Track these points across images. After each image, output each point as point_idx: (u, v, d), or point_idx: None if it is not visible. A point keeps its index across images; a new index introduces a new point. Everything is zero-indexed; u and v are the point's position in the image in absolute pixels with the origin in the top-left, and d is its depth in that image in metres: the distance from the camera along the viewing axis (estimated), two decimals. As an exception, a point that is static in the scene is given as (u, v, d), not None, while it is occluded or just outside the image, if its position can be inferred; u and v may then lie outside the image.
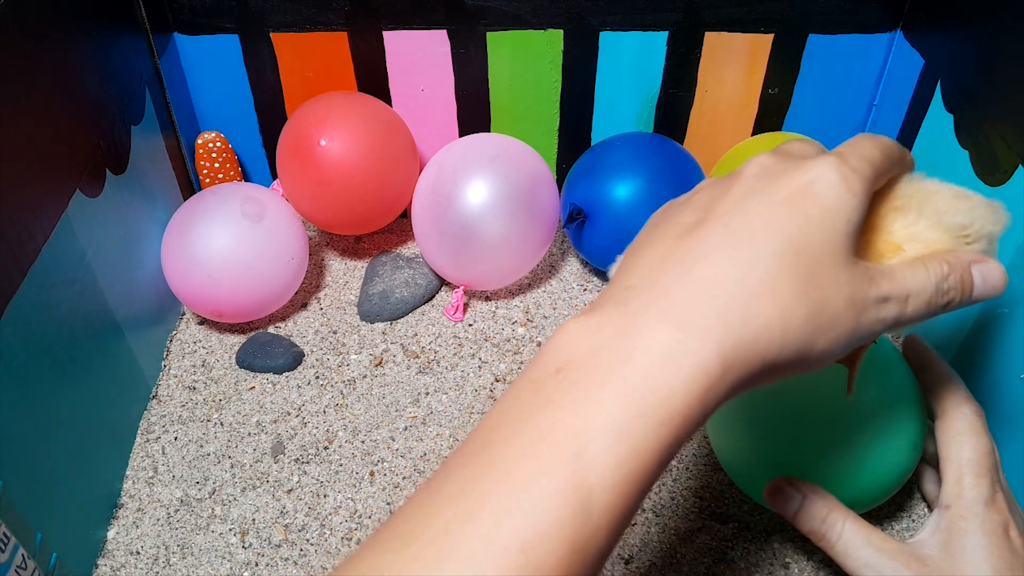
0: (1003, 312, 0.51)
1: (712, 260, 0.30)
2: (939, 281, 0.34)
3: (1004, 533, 0.40)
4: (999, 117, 0.53)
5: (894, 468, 0.46)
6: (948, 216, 0.37)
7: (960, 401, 0.45)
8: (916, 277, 0.34)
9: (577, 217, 0.66)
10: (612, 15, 0.68)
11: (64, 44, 0.53)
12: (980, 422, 0.44)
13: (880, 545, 0.41)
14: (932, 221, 0.36)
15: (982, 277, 0.36)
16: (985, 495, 0.41)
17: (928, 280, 0.34)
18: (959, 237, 0.37)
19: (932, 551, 0.40)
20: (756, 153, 0.76)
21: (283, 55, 0.71)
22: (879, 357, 0.47)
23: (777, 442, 0.46)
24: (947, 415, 0.45)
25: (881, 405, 0.45)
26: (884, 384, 0.46)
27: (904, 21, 0.67)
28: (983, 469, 0.42)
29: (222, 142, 0.73)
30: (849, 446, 0.45)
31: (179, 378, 0.63)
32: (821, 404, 0.45)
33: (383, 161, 0.66)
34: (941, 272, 0.35)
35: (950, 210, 0.37)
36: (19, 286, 0.44)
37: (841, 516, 0.42)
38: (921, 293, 0.34)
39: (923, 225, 0.36)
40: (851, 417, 0.45)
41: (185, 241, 0.62)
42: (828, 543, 0.42)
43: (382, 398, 0.61)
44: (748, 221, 0.31)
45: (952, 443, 0.43)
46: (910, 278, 0.34)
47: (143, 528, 0.53)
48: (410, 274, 0.70)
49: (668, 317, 0.28)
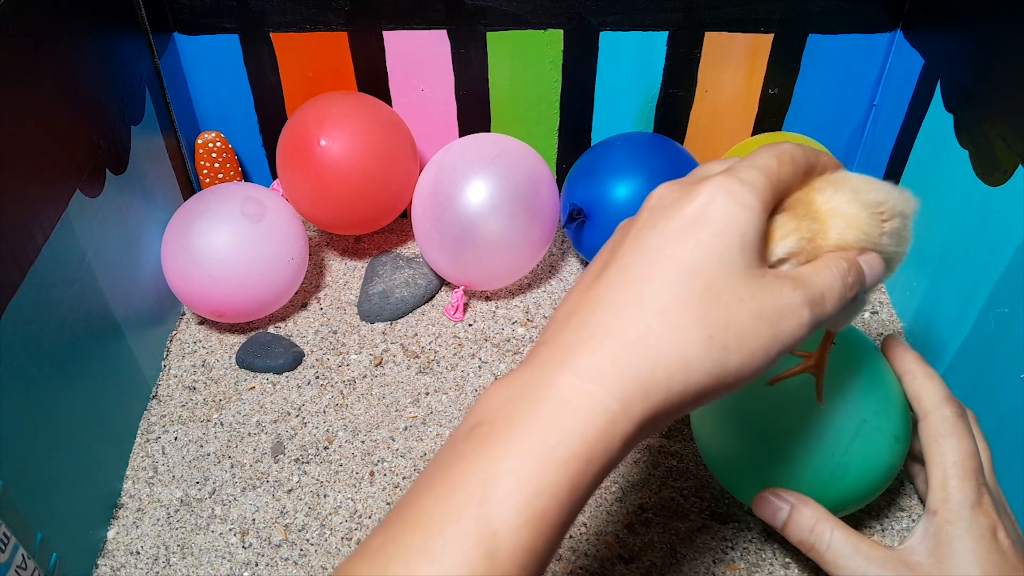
0: (1003, 312, 0.51)
1: (608, 304, 0.31)
2: (843, 276, 0.35)
3: (992, 536, 0.40)
4: (999, 117, 0.53)
5: (877, 465, 0.45)
6: (863, 194, 0.38)
7: (940, 402, 0.44)
8: (824, 277, 0.35)
9: (577, 217, 0.66)
10: (612, 15, 0.68)
11: (64, 44, 0.53)
12: (963, 423, 0.43)
13: (869, 553, 0.41)
14: (848, 197, 0.38)
15: (868, 267, 0.38)
16: (971, 498, 0.41)
17: (835, 277, 0.35)
18: (875, 213, 0.38)
19: (921, 557, 0.40)
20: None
21: (283, 55, 0.71)
22: (849, 356, 0.46)
23: (759, 450, 0.46)
24: (928, 418, 0.44)
25: (855, 403, 0.45)
26: (857, 382, 0.46)
27: (904, 21, 0.67)
28: (968, 472, 0.41)
29: (222, 142, 0.73)
30: (829, 448, 0.44)
31: (179, 378, 0.63)
32: (797, 409, 0.45)
33: (383, 161, 0.66)
34: (842, 268, 0.35)
35: (864, 188, 0.38)
36: (19, 286, 0.44)
37: (829, 525, 0.42)
38: (832, 290, 0.35)
39: (841, 200, 0.37)
40: (828, 419, 0.45)
41: (185, 241, 0.62)
42: (818, 553, 0.42)
43: (382, 398, 0.61)
44: (643, 258, 0.32)
45: (935, 446, 0.43)
46: (819, 279, 0.35)
47: (143, 528, 0.53)
48: (410, 274, 0.70)
49: (567, 366, 0.30)
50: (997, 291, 0.52)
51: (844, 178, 0.39)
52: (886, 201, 0.39)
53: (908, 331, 0.65)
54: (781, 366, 0.45)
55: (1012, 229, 0.51)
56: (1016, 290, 0.50)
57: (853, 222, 0.38)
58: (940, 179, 0.60)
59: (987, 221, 0.54)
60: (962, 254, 0.57)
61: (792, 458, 0.43)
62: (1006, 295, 0.51)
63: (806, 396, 0.45)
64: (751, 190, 0.33)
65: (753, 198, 0.33)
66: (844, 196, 0.38)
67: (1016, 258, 0.50)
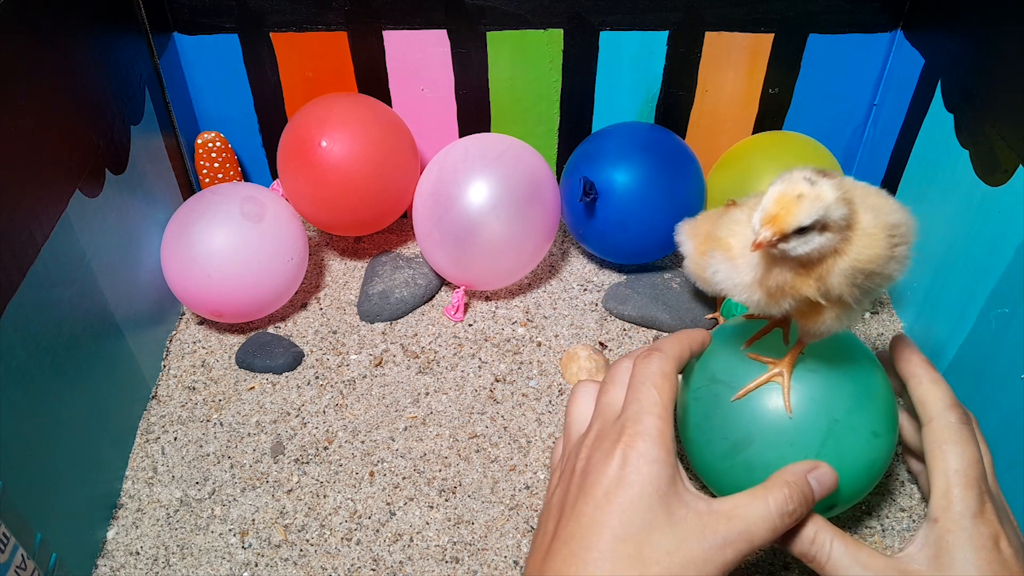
0: (1003, 312, 0.51)
1: None
2: (781, 508, 0.39)
3: (994, 546, 0.39)
4: (999, 117, 0.53)
5: (856, 462, 0.45)
6: (884, 214, 0.38)
7: (945, 408, 0.44)
8: (756, 511, 0.38)
9: (591, 192, 0.65)
10: (612, 15, 0.68)
11: (64, 44, 0.53)
12: (967, 429, 0.43)
13: (868, 562, 0.40)
14: (872, 215, 0.38)
15: (818, 483, 0.41)
16: (973, 507, 0.40)
17: (768, 512, 0.38)
18: (890, 236, 0.38)
19: (921, 566, 0.40)
20: (756, 152, 0.75)
21: (283, 55, 0.71)
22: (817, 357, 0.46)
23: (736, 462, 0.46)
24: (932, 423, 0.43)
25: (824, 404, 0.45)
26: (825, 382, 0.45)
27: (904, 21, 0.67)
28: (971, 480, 0.41)
29: (222, 142, 0.73)
30: (801, 451, 0.44)
31: (179, 378, 0.63)
32: (766, 417, 0.45)
33: (384, 163, 0.66)
34: (782, 497, 0.39)
35: (885, 208, 0.38)
36: (19, 286, 0.44)
37: (829, 535, 0.41)
38: (761, 524, 0.38)
39: (868, 218, 0.37)
40: (796, 423, 0.44)
41: (185, 241, 0.62)
42: (818, 564, 0.41)
43: (382, 398, 0.61)
44: (580, 527, 0.37)
45: (938, 453, 0.42)
46: (749, 512, 0.38)
47: (143, 528, 0.53)
48: (410, 274, 0.70)
49: None
50: (997, 291, 0.52)
51: (863, 192, 0.39)
52: (901, 224, 0.38)
53: (908, 331, 0.65)
54: (750, 374, 0.46)
55: (1012, 229, 0.51)
56: (1016, 290, 0.50)
57: (872, 243, 0.37)
58: (940, 179, 0.60)
59: (987, 221, 0.54)
60: (962, 254, 0.57)
61: (767, 466, 0.43)
62: (1006, 295, 0.51)
63: (775, 403, 0.45)
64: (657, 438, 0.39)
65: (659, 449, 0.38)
66: (870, 213, 0.37)
67: (1016, 258, 0.50)
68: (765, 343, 0.47)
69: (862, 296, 0.39)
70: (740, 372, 0.46)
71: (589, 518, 0.38)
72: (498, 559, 0.50)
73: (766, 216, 0.37)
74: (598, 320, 0.68)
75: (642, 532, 0.37)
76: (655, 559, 0.36)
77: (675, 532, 0.37)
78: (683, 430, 0.50)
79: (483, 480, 0.55)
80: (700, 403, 0.48)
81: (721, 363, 0.48)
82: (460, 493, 0.54)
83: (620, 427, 0.40)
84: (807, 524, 0.42)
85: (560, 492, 0.41)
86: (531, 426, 0.59)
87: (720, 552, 0.37)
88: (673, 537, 0.37)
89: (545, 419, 0.59)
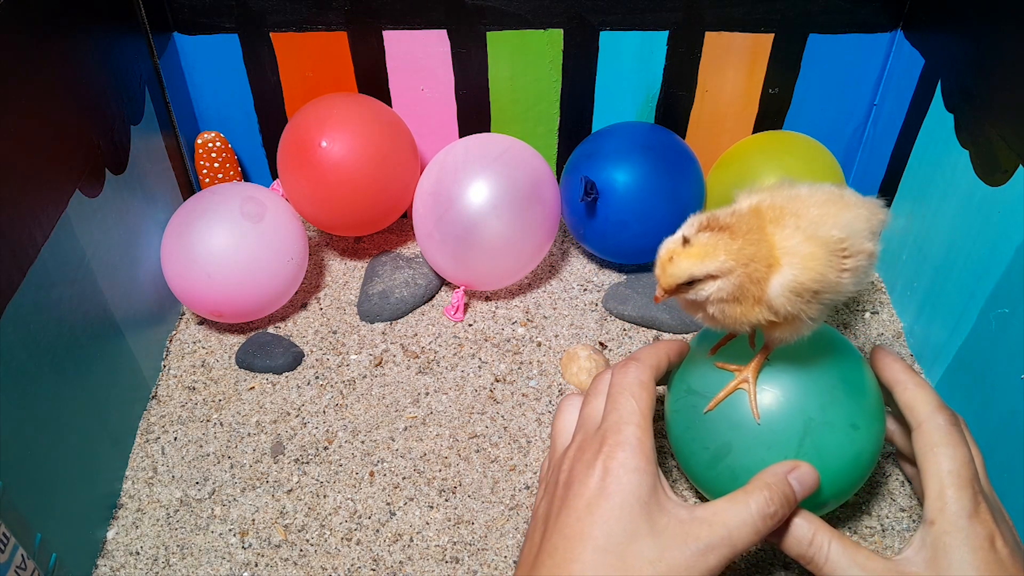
0: (1003, 312, 0.51)
1: None
2: (762, 510, 0.39)
3: (990, 546, 0.39)
4: (999, 117, 0.53)
5: (838, 457, 0.44)
6: (825, 228, 0.38)
7: (933, 411, 0.44)
8: (737, 516, 0.39)
9: (591, 192, 0.65)
10: (612, 15, 0.68)
11: (64, 44, 0.53)
12: (956, 431, 0.43)
13: (866, 564, 0.40)
14: (807, 234, 0.38)
15: (799, 483, 0.41)
16: (968, 508, 0.40)
17: (749, 515, 0.39)
18: (836, 251, 0.38)
19: (918, 568, 0.40)
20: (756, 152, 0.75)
21: (283, 55, 0.71)
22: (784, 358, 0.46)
23: (719, 470, 0.46)
24: (922, 427, 0.43)
25: (796, 404, 0.44)
26: (794, 382, 0.45)
27: (904, 21, 0.67)
28: (964, 481, 0.41)
29: (222, 142, 0.73)
30: (780, 453, 0.44)
31: (179, 378, 0.63)
32: (742, 423, 0.45)
33: (384, 163, 0.66)
34: (763, 500, 0.39)
35: (826, 222, 0.38)
36: (19, 286, 0.44)
37: (827, 537, 0.41)
38: (742, 528, 0.38)
39: (798, 239, 0.37)
40: (770, 426, 0.44)
41: (185, 241, 0.62)
42: (816, 566, 0.41)
43: (382, 398, 0.61)
44: (564, 539, 0.38)
45: (930, 456, 0.42)
46: (729, 517, 0.38)
47: (143, 528, 0.53)
48: (410, 274, 0.70)
49: None
50: (997, 291, 0.52)
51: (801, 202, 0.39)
52: (846, 239, 0.38)
53: (908, 331, 0.65)
54: (721, 383, 0.46)
55: (1012, 229, 0.51)
56: (1016, 290, 0.50)
57: (812, 263, 0.37)
58: (940, 179, 0.60)
59: (987, 221, 0.54)
60: (962, 254, 0.57)
61: (749, 471, 0.43)
62: (1006, 295, 0.51)
63: (748, 410, 0.45)
64: (636, 447, 0.39)
65: (639, 458, 0.39)
66: (803, 233, 0.37)
67: (1016, 258, 0.50)
68: (735, 349, 0.47)
69: (818, 314, 0.40)
70: (713, 382, 0.47)
71: (572, 530, 0.38)
72: (498, 559, 0.50)
73: (656, 273, 0.40)
74: (598, 320, 0.68)
75: (624, 542, 0.37)
76: (638, 568, 0.37)
77: (657, 540, 0.37)
78: (671, 441, 0.50)
79: (483, 480, 0.55)
80: (680, 415, 0.48)
81: (696, 374, 0.48)
82: (460, 493, 0.54)
83: (601, 438, 0.41)
84: (805, 526, 0.42)
85: (545, 504, 0.42)
86: (531, 426, 0.59)
87: (703, 558, 0.37)
88: (655, 545, 0.37)
89: (545, 419, 0.59)
